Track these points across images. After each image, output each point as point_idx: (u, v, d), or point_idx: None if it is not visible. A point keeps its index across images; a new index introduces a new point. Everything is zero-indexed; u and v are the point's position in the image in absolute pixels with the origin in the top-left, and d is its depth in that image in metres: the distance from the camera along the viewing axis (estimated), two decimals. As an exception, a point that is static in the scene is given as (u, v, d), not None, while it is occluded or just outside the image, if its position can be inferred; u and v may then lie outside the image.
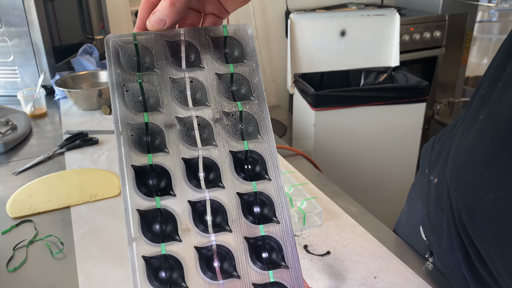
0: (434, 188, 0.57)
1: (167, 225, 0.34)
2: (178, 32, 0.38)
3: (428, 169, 0.61)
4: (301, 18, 1.84)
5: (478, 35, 3.29)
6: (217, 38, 0.39)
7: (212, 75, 0.38)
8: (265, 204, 0.36)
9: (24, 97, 1.22)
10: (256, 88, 0.38)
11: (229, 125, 0.37)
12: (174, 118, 0.36)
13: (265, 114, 0.38)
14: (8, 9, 1.26)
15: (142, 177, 0.35)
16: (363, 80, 1.91)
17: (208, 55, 0.39)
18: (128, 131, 0.35)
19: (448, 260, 0.54)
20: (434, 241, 0.57)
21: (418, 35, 2.23)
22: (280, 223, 0.35)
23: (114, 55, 0.37)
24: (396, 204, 1.66)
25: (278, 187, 0.36)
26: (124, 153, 0.34)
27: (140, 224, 0.33)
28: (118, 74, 0.36)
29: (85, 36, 1.63)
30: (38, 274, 0.63)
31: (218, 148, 0.36)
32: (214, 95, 0.38)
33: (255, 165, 0.37)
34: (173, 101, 0.37)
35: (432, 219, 0.57)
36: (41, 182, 0.88)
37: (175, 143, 0.36)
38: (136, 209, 0.33)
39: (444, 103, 2.48)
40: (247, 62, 0.39)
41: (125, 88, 0.36)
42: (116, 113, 0.35)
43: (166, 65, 0.38)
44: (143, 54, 0.38)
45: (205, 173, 0.36)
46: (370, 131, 1.68)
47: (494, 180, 0.39)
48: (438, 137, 0.62)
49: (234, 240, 0.34)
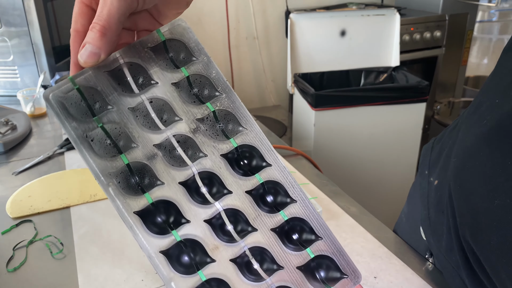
0: (435, 190, 0.57)
1: (195, 252, 0.33)
2: (115, 57, 0.35)
3: (428, 171, 0.61)
4: (301, 18, 1.84)
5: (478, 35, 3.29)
6: (156, 47, 0.36)
7: (169, 87, 0.35)
8: (276, 191, 0.36)
9: (24, 97, 1.22)
10: (218, 82, 0.36)
11: (209, 130, 0.35)
12: (152, 147, 0.34)
13: (238, 104, 0.36)
14: (8, 9, 1.26)
15: (150, 219, 0.33)
16: (363, 80, 1.91)
17: (156, 67, 0.36)
18: (114, 180, 0.33)
19: (446, 262, 0.54)
20: (434, 243, 0.57)
21: (418, 35, 2.23)
22: (296, 201, 0.35)
23: (61, 109, 0.33)
24: (396, 204, 1.66)
25: (281, 169, 0.35)
26: (121, 203, 0.32)
27: (169, 263, 0.32)
28: (75, 127, 0.33)
29: (85, 36, 1.63)
30: (38, 274, 0.63)
31: (208, 157, 0.35)
32: (180, 106, 0.35)
33: (250, 158, 0.36)
34: (143, 131, 0.34)
35: (432, 221, 0.57)
36: (41, 182, 0.88)
37: (165, 171, 0.34)
38: (159, 251, 0.32)
39: (444, 103, 2.48)
40: (196, 58, 0.36)
41: (89, 138, 0.33)
42: (93, 168, 0.32)
43: (118, 96, 0.34)
44: (90, 96, 0.34)
45: (207, 187, 0.35)
46: (370, 131, 1.68)
47: (502, 187, 0.39)
48: (438, 138, 0.62)
49: (262, 237, 0.34)
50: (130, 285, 0.60)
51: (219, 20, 2.34)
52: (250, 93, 2.57)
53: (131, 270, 0.63)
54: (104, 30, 0.32)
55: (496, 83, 0.46)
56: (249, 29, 2.45)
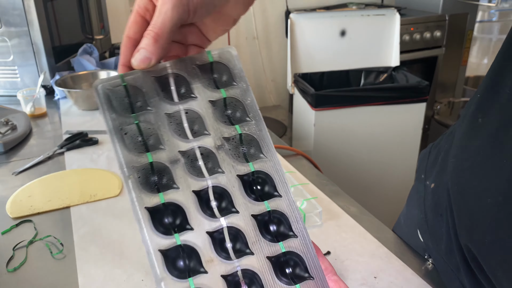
0: (431, 193, 0.57)
1: (191, 259, 0.34)
2: (165, 66, 0.38)
3: (424, 175, 0.61)
4: (301, 18, 1.84)
5: (478, 35, 3.29)
6: (203, 65, 0.39)
7: (206, 103, 0.38)
8: (280, 221, 0.37)
9: (24, 97, 1.22)
10: (250, 109, 0.38)
11: (232, 150, 0.37)
12: (177, 153, 0.36)
13: (264, 133, 0.38)
14: (8, 9, 1.26)
15: (158, 217, 0.35)
16: (363, 80, 1.91)
17: (198, 83, 0.38)
18: (135, 174, 0.35)
19: (445, 265, 0.54)
20: (432, 246, 0.57)
21: (418, 35, 2.23)
22: (297, 236, 0.36)
23: (106, 100, 0.36)
24: (396, 204, 1.66)
25: (290, 202, 0.36)
26: (135, 196, 0.34)
27: (164, 263, 0.33)
28: (114, 119, 0.36)
29: (85, 36, 1.63)
30: (38, 274, 0.63)
31: (225, 175, 0.36)
32: (212, 123, 0.38)
33: (263, 185, 0.38)
34: (172, 136, 0.37)
35: (430, 225, 0.57)
36: (41, 182, 0.88)
37: (183, 177, 0.36)
38: (158, 249, 0.33)
39: (444, 103, 2.48)
40: (237, 84, 0.39)
41: (123, 131, 0.36)
42: (120, 159, 0.35)
43: (159, 101, 0.37)
44: (134, 94, 0.37)
45: (217, 201, 0.36)
46: (370, 131, 1.68)
47: (494, 185, 0.39)
48: (436, 143, 0.62)
49: (257, 262, 0.35)
50: (130, 285, 0.60)
51: (219, 20, 2.34)
52: (250, 93, 2.57)
53: (131, 270, 0.63)
54: (157, 37, 0.35)
55: (495, 86, 0.46)
56: (249, 29, 2.45)
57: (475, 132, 0.45)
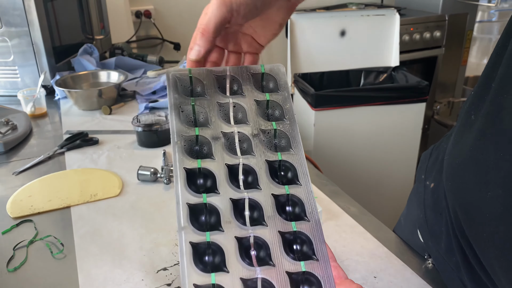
0: (431, 192, 0.57)
1: (212, 217, 0.40)
2: (225, 69, 0.47)
3: (424, 175, 0.61)
4: (301, 18, 1.84)
5: (478, 35, 3.29)
6: (256, 74, 0.48)
7: (252, 101, 0.46)
8: (296, 205, 0.41)
9: (24, 97, 1.22)
10: (288, 112, 0.46)
11: (265, 140, 0.44)
12: (219, 132, 0.44)
13: (296, 132, 0.45)
14: (8, 9, 1.26)
15: (192, 178, 0.41)
16: (363, 80, 1.91)
17: (248, 86, 0.47)
18: (182, 141, 0.42)
19: (445, 264, 0.54)
20: (432, 245, 0.57)
21: (418, 35, 2.23)
22: (310, 221, 0.40)
23: (173, 84, 0.45)
24: (396, 204, 1.66)
25: (308, 192, 0.42)
26: (178, 158, 0.41)
27: (188, 215, 0.38)
28: (176, 98, 0.45)
29: (85, 36, 1.63)
30: (38, 274, 0.64)
31: (255, 157, 0.43)
32: (253, 116, 0.45)
33: (287, 172, 0.43)
34: (219, 120, 0.44)
35: (429, 224, 0.57)
36: (41, 182, 0.88)
37: (220, 152, 0.43)
38: (186, 202, 0.39)
39: (444, 103, 2.48)
40: (280, 92, 0.47)
41: (181, 109, 0.44)
42: (173, 127, 0.43)
43: (214, 92, 0.46)
44: (196, 84, 0.46)
45: (244, 176, 0.42)
46: (370, 131, 1.68)
47: (494, 179, 0.40)
48: (436, 145, 0.63)
49: (269, 233, 0.39)
50: (130, 285, 0.60)
51: (219, 20, 2.34)
52: (250, 93, 2.57)
53: (131, 270, 0.63)
54: (203, 31, 0.43)
55: (487, 82, 0.46)
56: (249, 29, 2.45)
57: (467, 128, 0.45)
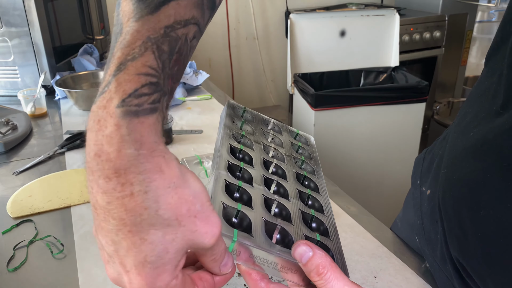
0: (427, 200, 0.57)
1: (244, 179, 0.44)
2: (270, 118, 0.58)
3: (419, 180, 0.61)
4: (301, 18, 1.84)
5: (478, 35, 3.30)
6: (291, 131, 0.59)
7: (288, 151, 0.53)
8: (315, 202, 0.46)
9: (25, 97, 1.22)
10: (314, 162, 0.54)
11: (294, 163, 0.51)
12: (260, 150, 0.50)
13: (319, 169, 0.53)
14: (9, 9, 1.26)
15: (232, 170, 0.45)
16: (363, 80, 1.91)
17: (285, 138, 0.56)
18: (228, 153, 0.47)
19: (441, 272, 0.54)
20: (429, 252, 0.57)
21: (417, 35, 2.24)
22: (326, 216, 0.45)
23: (229, 108, 0.54)
24: (396, 204, 1.66)
25: (325, 202, 0.47)
26: (223, 161, 0.45)
27: (223, 185, 0.41)
28: (229, 122, 0.52)
29: (86, 36, 1.63)
30: (38, 274, 0.64)
31: (285, 167, 0.49)
32: (288, 149, 0.54)
33: (309, 184, 0.49)
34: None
35: (426, 231, 0.57)
36: (42, 182, 0.88)
37: (258, 156, 0.49)
38: (224, 179, 0.42)
39: (444, 103, 2.48)
40: (311, 156, 0.55)
41: (232, 136, 0.49)
42: (218, 143, 0.48)
43: (262, 135, 0.54)
44: (247, 120, 0.55)
45: (275, 169, 0.48)
46: (370, 131, 1.68)
47: (485, 198, 0.40)
48: (429, 149, 0.63)
49: (291, 206, 0.43)
50: (131, 284, 0.60)
51: (219, 20, 2.35)
52: (250, 93, 2.57)
53: (132, 269, 0.63)
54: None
55: (480, 94, 0.46)
56: (249, 29, 2.45)
57: (461, 141, 0.46)
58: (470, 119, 0.46)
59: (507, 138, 0.38)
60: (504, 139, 0.38)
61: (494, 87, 0.43)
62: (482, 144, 0.41)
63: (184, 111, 1.27)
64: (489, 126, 0.41)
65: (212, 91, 1.45)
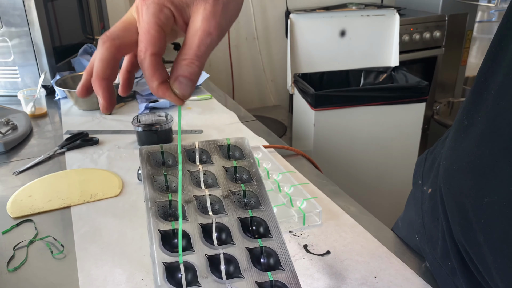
0: (428, 198, 0.57)
1: (188, 274, 0.41)
2: (194, 143, 0.51)
3: (421, 180, 0.61)
4: (301, 18, 1.84)
5: (478, 35, 3.29)
6: (222, 145, 0.52)
7: (220, 168, 0.50)
8: (270, 256, 0.43)
9: (25, 97, 1.22)
10: (254, 175, 0.50)
11: (236, 201, 0.47)
12: (191, 196, 0.46)
13: (263, 191, 0.48)
14: (9, 9, 1.26)
15: (167, 239, 0.43)
16: (363, 80, 1.91)
17: (216, 156, 0.51)
18: (155, 207, 0.45)
19: (441, 269, 0.54)
20: (429, 250, 0.57)
21: (418, 35, 2.24)
22: (285, 270, 0.42)
23: (145, 158, 0.49)
24: (396, 204, 1.66)
25: (280, 243, 0.44)
26: (152, 221, 0.44)
27: (165, 274, 0.40)
28: (149, 169, 0.48)
29: (86, 36, 1.63)
30: (38, 274, 0.64)
31: (227, 216, 0.45)
32: (223, 181, 0.49)
33: (259, 227, 0.46)
34: (190, 185, 0.48)
35: (427, 229, 0.57)
36: (42, 182, 0.88)
37: (193, 214, 0.45)
38: (162, 262, 0.40)
39: (444, 103, 2.48)
40: (246, 159, 0.51)
41: (153, 179, 0.48)
42: (147, 195, 0.46)
43: (185, 163, 0.50)
44: (167, 157, 0.50)
45: (218, 234, 0.45)
46: (370, 131, 1.68)
47: (491, 185, 0.40)
48: (431, 149, 0.63)
49: (247, 285, 0.40)
50: (130, 285, 0.60)
51: (219, 20, 2.34)
52: (250, 93, 2.57)
53: (131, 270, 0.63)
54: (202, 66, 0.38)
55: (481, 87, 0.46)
56: (249, 29, 2.45)
57: (462, 134, 0.46)
58: (474, 110, 0.46)
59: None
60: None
61: None
62: (490, 132, 0.41)
63: (184, 111, 1.27)
64: (497, 113, 0.41)
65: (212, 91, 1.45)
